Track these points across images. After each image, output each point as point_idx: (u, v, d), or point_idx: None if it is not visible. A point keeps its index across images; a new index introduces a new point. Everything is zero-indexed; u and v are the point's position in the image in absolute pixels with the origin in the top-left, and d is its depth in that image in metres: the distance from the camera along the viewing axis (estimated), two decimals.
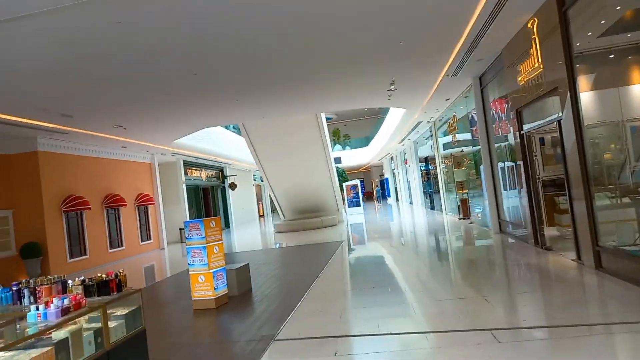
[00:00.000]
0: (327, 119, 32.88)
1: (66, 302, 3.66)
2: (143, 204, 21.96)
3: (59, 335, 3.50)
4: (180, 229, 25.81)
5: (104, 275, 4.40)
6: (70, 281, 4.36)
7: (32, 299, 4.22)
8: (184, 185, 26.60)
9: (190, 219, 27.15)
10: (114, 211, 19.86)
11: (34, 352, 3.28)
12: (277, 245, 19.38)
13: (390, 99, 16.59)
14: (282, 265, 13.55)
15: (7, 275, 14.93)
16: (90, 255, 17.87)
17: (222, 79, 11.77)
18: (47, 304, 3.57)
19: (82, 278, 4.43)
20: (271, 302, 8.51)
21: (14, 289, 4.32)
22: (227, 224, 33.67)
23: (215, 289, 8.63)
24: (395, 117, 24.31)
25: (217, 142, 27.71)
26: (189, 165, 27.89)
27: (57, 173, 16.44)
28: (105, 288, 4.29)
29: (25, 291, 4.25)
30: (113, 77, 10.67)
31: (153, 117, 15.50)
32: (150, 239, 22.60)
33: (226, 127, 30.62)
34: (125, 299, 4.44)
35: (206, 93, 13.04)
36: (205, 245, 8.68)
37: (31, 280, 4.39)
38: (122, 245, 20.16)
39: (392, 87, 14.09)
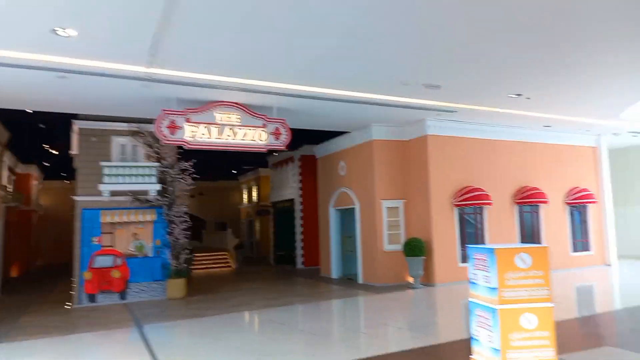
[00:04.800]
0: None
1: None
2: (577, 202, 16.26)
3: None
4: None
5: None
6: None
7: None
8: None
9: None
10: (528, 209, 15.46)
11: None
12: None
13: None
14: None
15: (395, 273, 13.78)
16: None
17: None
18: None
19: None
20: None
21: None
22: None
23: None
24: None
25: None
26: None
27: (447, 160, 13.91)
28: None
29: None
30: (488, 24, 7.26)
31: (571, 76, 10.30)
32: (588, 250, 16.57)
33: None
34: None
35: None
36: (496, 307, 3.74)
37: None
38: None
39: None
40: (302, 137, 18.26)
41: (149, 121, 12.87)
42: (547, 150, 16.07)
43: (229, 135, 10.88)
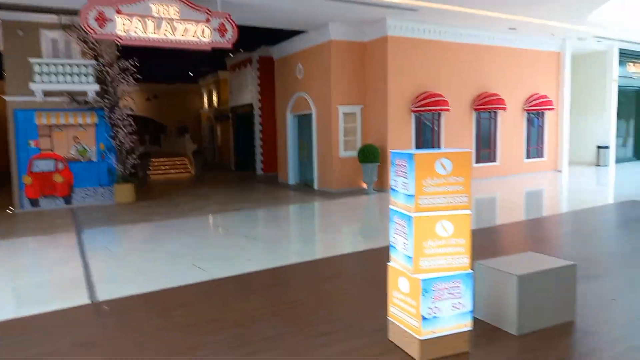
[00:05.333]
0: None
1: None
2: (536, 109, 16.21)
3: None
4: (599, 147, 18.42)
5: None
6: None
7: None
8: (615, 86, 18.37)
9: (617, 133, 19.08)
10: (486, 115, 15.36)
11: None
12: None
13: None
14: None
15: (350, 179, 13.76)
16: None
17: None
18: None
19: None
20: None
21: None
22: None
23: (426, 318, 3.56)
24: None
25: None
26: (629, 56, 19.00)
27: (407, 63, 13.34)
28: None
29: None
30: None
31: None
32: (541, 157, 16.91)
33: None
34: None
35: None
36: (412, 215, 3.55)
37: None
38: (494, 160, 15.70)
39: None
40: (260, 37, 17.10)
41: None
42: (510, 54, 15.61)
43: (167, 31, 9.92)
